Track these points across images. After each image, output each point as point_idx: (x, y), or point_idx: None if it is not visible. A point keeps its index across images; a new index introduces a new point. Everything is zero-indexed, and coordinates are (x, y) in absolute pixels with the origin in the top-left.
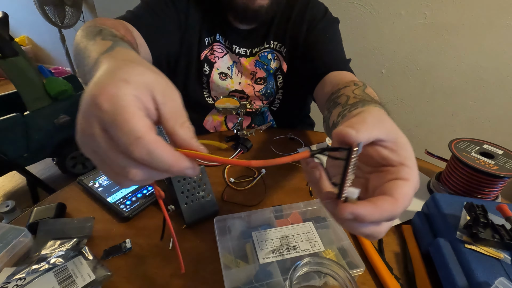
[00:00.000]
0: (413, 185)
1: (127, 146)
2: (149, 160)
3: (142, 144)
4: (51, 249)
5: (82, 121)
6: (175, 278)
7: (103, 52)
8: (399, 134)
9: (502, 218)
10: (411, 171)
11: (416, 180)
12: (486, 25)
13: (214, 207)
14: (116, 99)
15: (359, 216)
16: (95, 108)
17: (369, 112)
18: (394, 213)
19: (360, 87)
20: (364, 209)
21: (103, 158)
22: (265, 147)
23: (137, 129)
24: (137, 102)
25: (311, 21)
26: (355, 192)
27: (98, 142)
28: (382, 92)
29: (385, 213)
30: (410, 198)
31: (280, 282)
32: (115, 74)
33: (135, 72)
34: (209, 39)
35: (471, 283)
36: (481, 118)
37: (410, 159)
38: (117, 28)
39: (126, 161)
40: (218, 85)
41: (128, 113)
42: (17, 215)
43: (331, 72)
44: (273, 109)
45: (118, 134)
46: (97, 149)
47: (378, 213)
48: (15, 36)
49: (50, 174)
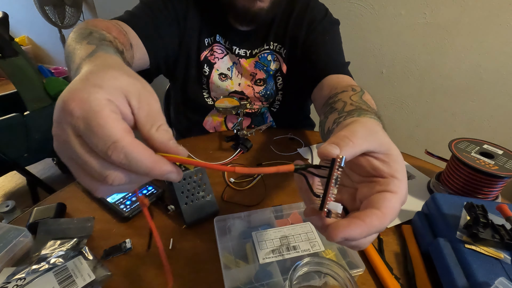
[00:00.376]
0: (401, 198)
1: (104, 151)
2: (127, 163)
3: (119, 147)
4: (51, 249)
5: (55, 128)
6: (175, 278)
7: (84, 57)
8: (391, 147)
9: (502, 218)
10: (401, 184)
11: (404, 193)
12: (486, 25)
13: (214, 207)
14: (88, 104)
15: (350, 238)
16: (67, 114)
17: (361, 123)
18: (381, 227)
19: (357, 93)
20: (354, 230)
21: (80, 164)
22: (265, 147)
23: (112, 133)
24: (111, 106)
25: (311, 22)
26: (338, 207)
27: (73, 148)
28: (382, 92)
29: (373, 229)
30: (397, 211)
31: (280, 282)
32: (88, 79)
33: (108, 76)
34: (209, 40)
35: (471, 283)
36: (481, 118)
37: (400, 172)
38: (109, 30)
39: (104, 165)
40: (218, 86)
41: (102, 117)
42: (17, 215)
43: (329, 75)
44: (273, 110)
45: (94, 139)
46: (73, 156)
47: (366, 230)
48: (15, 36)
49: (50, 174)
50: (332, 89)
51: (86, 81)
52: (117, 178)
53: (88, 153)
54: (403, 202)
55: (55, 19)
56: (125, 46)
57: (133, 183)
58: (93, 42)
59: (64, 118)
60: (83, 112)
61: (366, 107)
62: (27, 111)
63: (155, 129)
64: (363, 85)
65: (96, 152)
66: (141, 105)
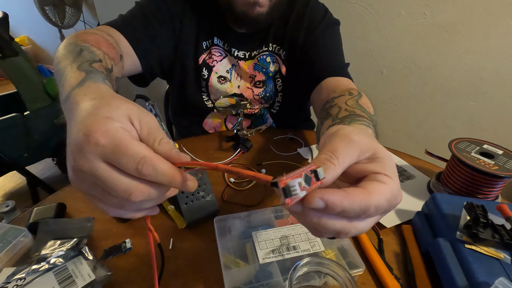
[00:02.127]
0: (390, 188)
1: (135, 167)
2: (155, 174)
3: (148, 161)
4: (51, 249)
5: (79, 159)
6: (175, 278)
7: (74, 86)
8: (378, 149)
9: (502, 218)
10: (390, 179)
11: (395, 187)
12: (486, 25)
13: (214, 207)
14: (111, 133)
15: (328, 202)
16: (92, 145)
17: (341, 136)
18: (365, 205)
19: (354, 97)
20: (334, 195)
21: (107, 186)
22: (265, 147)
23: (140, 151)
24: (127, 132)
25: (310, 23)
26: (299, 192)
27: (100, 174)
28: (382, 92)
29: (356, 202)
30: (385, 195)
31: (280, 282)
32: (97, 113)
33: (113, 107)
34: (206, 42)
35: (471, 283)
36: (481, 118)
37: (389, 170)
38: (99, 45)
39: (130, 182)
40: (217, 89)
41: (127, 140)
42: (17, 215)
43: (328, 78)
44: (273, 112)
45: (123, 159)
46: (98, 181)
47: (347, 201)
48: (15, 36)
49: (50, 174)
50: (330, 93)
51: (97, 115)
52: (141, 193)
53: (116, 173)
54: (394, 195)
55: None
56: (114, 61)
57: (153, 199)
58: (82, 67)
59: (89, 149)
60: (109, 140)
61: (360, 112)
62: (27, 111)
63: (157, 143)
64: (363, 85)
65: (123, 171)
66: (142, 125)
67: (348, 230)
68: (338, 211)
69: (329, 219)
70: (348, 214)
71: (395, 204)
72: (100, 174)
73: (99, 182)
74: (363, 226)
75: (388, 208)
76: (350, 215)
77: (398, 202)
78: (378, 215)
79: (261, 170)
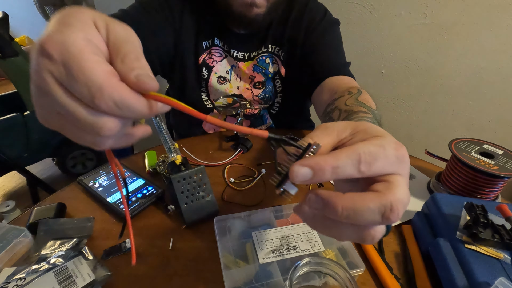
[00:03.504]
0: (385, 141)
1: (91, 99)
2: (119, 111)
3: (106, 94)
4: (51, 249)
5: (34, 78)
6: (175, 278)
7: None
8: (357, 125)
9: (502, 218)
10: (381, 137)
11: (391, 140)
12: (486, 25)
13: (214, 207)
14: (65, 45)
15: (316, 167)
16: (45, 59)
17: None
18: (352, 152)
19: (353, 95)
20: (325, 160)
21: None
22: (265, 147)
23: (96, 78)
24: (90, 46)
25: (310, 23)
26: (293, 189)
27: (57, 99)
28: (382, 92)
29: (343, 155)
30: (375, 147)
31: (280, 282)
32: (60, 21)
33: (78, 13)
34: (207, 42)
35: (471, 283)
36: (481, 118)
37: (375, 131)
38: None
39: (94, 115)
40: (217, 89)
41: (83, 60)
42: (17, 215)
43: (330, 77)
44: (272, 113)
45: (77, 86)
46: (60, 109)
47: (335, 163)
48: (15, 36)
49: (50, 174)
50: (332, 93)
51: (58, 23)
52: (111, 128)
53: (75, 103)
54: (390, 146)
55: None
56: None
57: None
58: None
59: (43, 64)
60: (62, 56)
61: (357, 108)
62: (27, 111)
63: (120, 60)
64: (363, 85)
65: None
66: (109, 35)
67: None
68: (330, 170)
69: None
70: (343, 171)
71: (396, 155)
72: (56, 100)
73: (60, 110)
74: (402, 192)
75: (392, 159)
76: (345, 171)
77: (402, 154)
78: (381, 166)
79: (261, 170)
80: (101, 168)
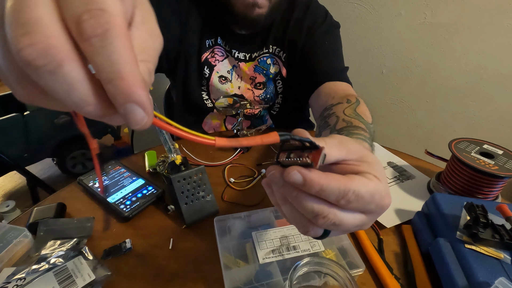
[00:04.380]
0: (374, 184)
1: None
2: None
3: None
4: (51, 249)
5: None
6: (175, 278)
7: None
8: (366, 154)
9: (502, 218)
10: (377, 179)
11: (382, 186)
12: (486, 25)
13: (214, 207)
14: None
15: (306, 177)
16: None
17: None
18: (344, 188)
19: (352, 104)
20: (312, 172)
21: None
22: (265, 147)
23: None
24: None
25: (311, 26)
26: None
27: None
28: (382, 92)
29: (335, 183)
30: (367, 187)
31: (280, 282)
32: None
33: None
34: (210, 41)
35: (471, 283)
36: (481, 118)
37: (377, 171)
38: None
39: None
40: (218, 88)
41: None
42: (17, 215)
43: (327, 83)
44: (273, 113)
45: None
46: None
47: (326, 180)
48: None
49: (50, 174)
50: (329, 98)
51: None
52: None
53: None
54: (379, 193)
55: None
56: None
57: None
58: None
59: None
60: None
61: (357, 123)
62: (27, 111)
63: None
64: (363, 85)
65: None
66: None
67: (326, 213)
68: (316, 189)
69: (307, 196)
70: (327, 196)
71: (381, 204)
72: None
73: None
74: (344, 217)
75: (373, 206)
76: (329, 197)
77: (386, 204)
78: (363, 212)
79: (261, 170)
80: (101, 168)
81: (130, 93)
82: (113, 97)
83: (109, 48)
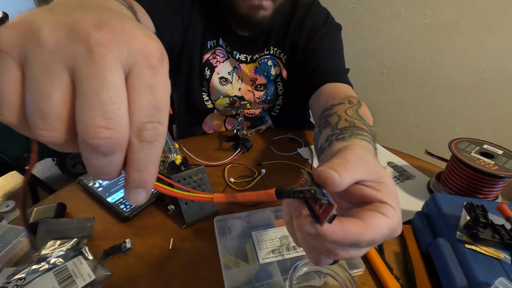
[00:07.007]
0: (390, 222)
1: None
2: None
3: None
4: (51, 249)
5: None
6: (175, 278)
7: None
8: (383, 174)
9: (502, 218)
10: (394, 211)
11: (396, 221)
12: (486, 25)
13: (214, 207)
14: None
15: (320, 231)
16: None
17: (352, 151)
18: (359, 238)
19: (354, 106)
20: (328, 227)
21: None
22: (265, 147)
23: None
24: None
25: (312, 28)
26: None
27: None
28: (382, 92)
29: (349, 235)
30: (382, 231)
31: (280, 282)
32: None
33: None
34: (211, 42)
35: (471, 283)
36: (481, 118)
37: (393, 200)
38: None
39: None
40: (218, 90)
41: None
42: (17, 215)
43: (327, 84)
44: (273, 115)
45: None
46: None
47: (340, 235)
48: None
49: (50, 174)
50: (329, 99)
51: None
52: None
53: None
54: (393, 229)
55: None
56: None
57: None
58: None
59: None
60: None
61: (360, 124)
62: None
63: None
64: (363, 85)
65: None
66: None
67: (339, 252)
68: (329, 242)
69: (322, 244)
70: (341, 245)
71: (392, 237)
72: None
73: None
74: (356, 253)
75: (383, 241)
76: (343, 245)
77: (396, 235)
78: (373, 246)
79: (261, 170)
80: None
81: (147, 183)
82: (132, 179)
83: (152, 151)
